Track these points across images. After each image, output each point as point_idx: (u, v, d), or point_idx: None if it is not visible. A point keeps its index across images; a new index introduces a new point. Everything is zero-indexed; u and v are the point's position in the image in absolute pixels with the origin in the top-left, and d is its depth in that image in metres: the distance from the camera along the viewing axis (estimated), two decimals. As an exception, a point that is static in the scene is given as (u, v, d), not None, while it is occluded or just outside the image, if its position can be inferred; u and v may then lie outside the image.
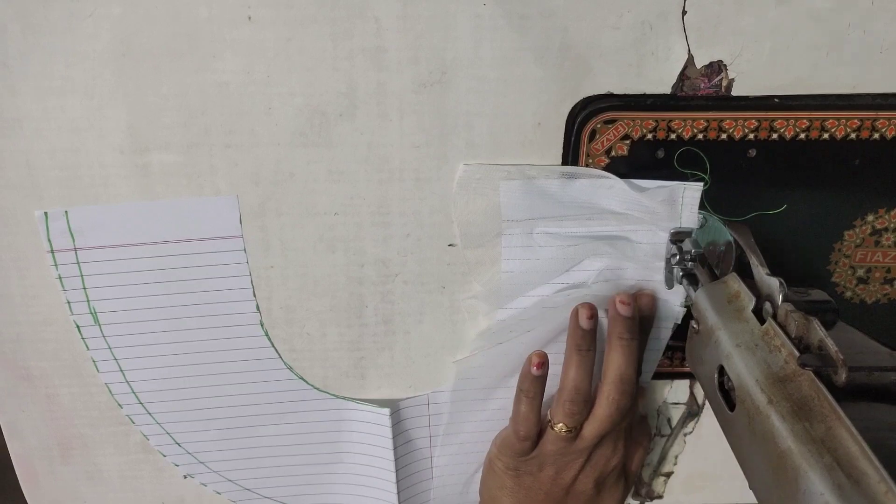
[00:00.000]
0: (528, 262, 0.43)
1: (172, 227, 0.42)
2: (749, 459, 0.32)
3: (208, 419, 0.48)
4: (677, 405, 0.51)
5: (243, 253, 0.43)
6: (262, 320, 0.45)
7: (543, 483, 0.44)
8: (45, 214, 0.42)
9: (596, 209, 0.42)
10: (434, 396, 0.48)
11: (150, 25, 0.38)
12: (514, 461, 0.45)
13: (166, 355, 0.46)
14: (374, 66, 0.40)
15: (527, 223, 0.43)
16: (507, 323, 0.44)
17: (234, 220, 0.43)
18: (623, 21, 0.39)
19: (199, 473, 0.50)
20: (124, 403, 0.47)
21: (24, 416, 0.48)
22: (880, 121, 0.41)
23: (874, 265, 0.45)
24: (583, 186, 0.42)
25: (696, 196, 0.41)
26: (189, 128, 0.41)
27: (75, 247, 0.42)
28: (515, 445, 0.44)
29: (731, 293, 0.36)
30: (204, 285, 0.44)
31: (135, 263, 0.43)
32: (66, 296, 0.44)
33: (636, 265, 0.43)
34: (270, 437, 0.48)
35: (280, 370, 0.46)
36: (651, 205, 0.41)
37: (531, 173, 0.41)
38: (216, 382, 0.46)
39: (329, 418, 0.48)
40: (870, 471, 0.24)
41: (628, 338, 0.41)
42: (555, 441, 0.43)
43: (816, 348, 0.30)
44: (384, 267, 0.45)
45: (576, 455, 0.43)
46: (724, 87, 0.40)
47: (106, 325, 0.45)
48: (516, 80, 0.40)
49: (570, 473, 0.44)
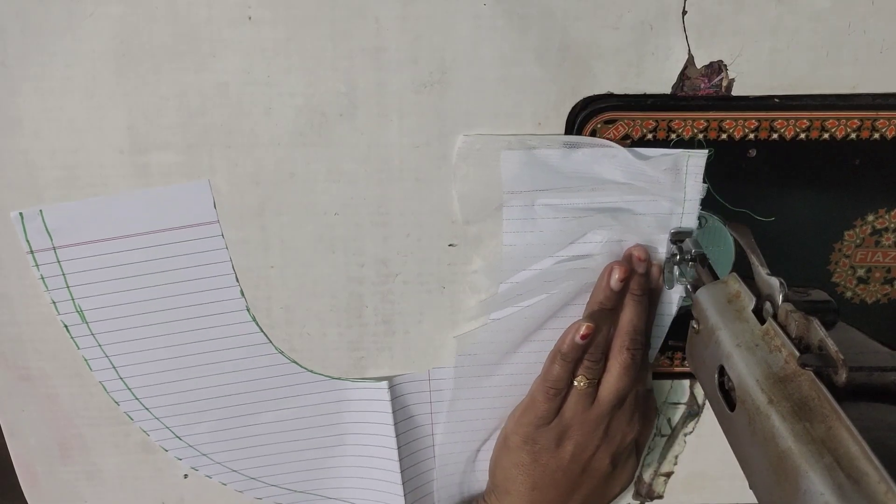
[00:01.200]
0: (529, 234, 0.43)
1: (148, 218, 0.42)
2: (749, 459, 0.32)
3: (206, 410, 0.47)
4: (677, 405, 0.51)
5: (221, 238, 0.43)
6: (248, 305, 0.45)
7: (562, 460, 0.44)
8: (20, 215, 0.42)
9: (598, 179, 0.42)
10: (435, 373, 0.47)
11: (150, 25, 0.38)
12: (534, 431, 0.44)
13: (157, 348, 0.45)
14: (373, 66, 0.40)
15: (528, 195, 0.42)
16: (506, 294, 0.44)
17: (209, 206, 0.42)
18: (623, 21, 0.39)
19: (202, 466, 0.49)
20: (120, 401, 0.47)
21: (24, 416, 0.48)
22: (880, 121, 0.41)
23: (874, 265, 0.45)
24: (585, 156, 0.41)
25: (701, 164, 0.41)
26: (189, 128, 0.41)
27: (54, 245, 0.42)
28: (540, 408, 0.43)
29: (731, 293, 0.36)
30: (186, 274, 0.44)
31: (115, 258, 0.43)
32: (50, 296, 0.43)
33: (640, 237, 0.43)
34: (270, 424, 0.48)
35: (272, 355, 0.46)
36: (655, 174, 0.41)
37: (532, 143, 0.41)
38: (210, 372, 0.46)
39: (327, 400, 0.48)
40: (870, 471, 0.24)
41: (639, 293, 0.42)
42: (575, 403, 0.43)
43: (816, 348, 0.30)
44: (384, 267, 0.45)
45: (594, 425, 0.43)
46: (724, 87, 0.40)
47: (93, 322, 0.44)
48: (516, 80, 0.40)
49: (589, 450, 0.44)
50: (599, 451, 0.44)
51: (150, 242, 0.43)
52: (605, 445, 0.44)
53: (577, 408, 0.43)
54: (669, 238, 0.43)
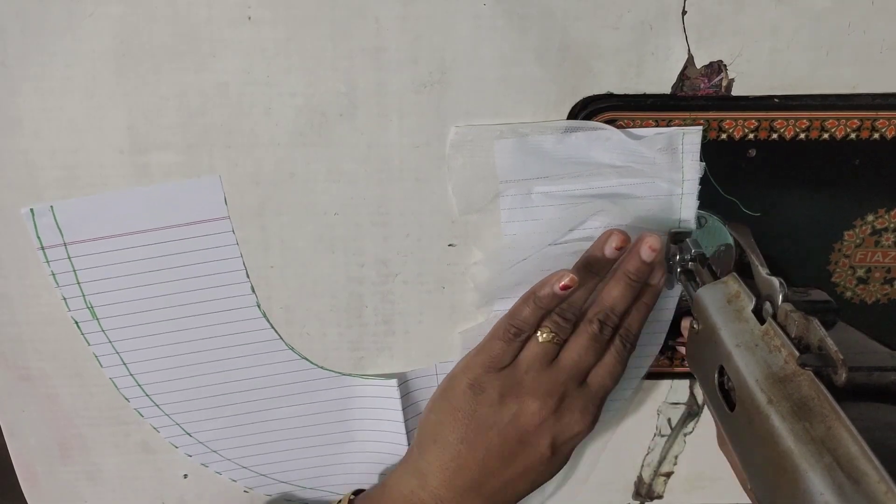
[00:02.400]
0: (528, 223, 0.43)
1: (159, 214, 0.42)
2: (749, 460, 0.32)
3: (216, 406, 0.47)
4: (677, 405, 0.51)
5: (232, 234, 0.43)
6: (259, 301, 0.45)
7: (501, 418, 0.40)
8: (31, 211, 0.41)
9: (594, 164, 0.41)
10: (442, 367, 0.47)
11: (150, 25, 0.38)
12: (483, 375, 0.40)
13: (168, 345, 0.45)
14: (373, 66, 0.40)
15: (524, 183, 0.42)
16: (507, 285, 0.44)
17: (220, 202, 0.42)
18: (623, 21, 0.39)
19: (212, 462, 0.49)
20: (131, 397, 0.47)
21: (24, 416, 0.48)
22: (880, 121, 0.41)
23: (874, 265, 0.45)
24: (579, 140, 0.41)
25: (697, 141, 0.40)
26: (189, 128, 0.41)
27: (65, 241, 0.42)
28: (496, 348, 0.40)
29: (731, 293, 0.36)
30: (197, 270, 0.44)
31: (126, 254, 0.43)
32: (61, 292, 0.44)
33: (640, 221, 0.42)
34: (280, 421, 0.48)
35: (283, 351, 0.46)
36: (650, 154, 0.41)
37: (524, 130, 0.41)
38: (221, 368, 0.46)
39: (337, 396, 0.48)
40: (870, 471, 0.24)
41: (635, 279, 0.40)
42: (533, 354, 0.40)
43: (816, 348, 0.30)
44: (384, 267, 0.45)
45: (546, 390, 0.40)
46: (724, 87, 0.40)
47: (104, 318, 0.44)
48: (516, 80, 0.40)
49: (533, 419, 0.40)
50: (543, 426, 0.40)
51: (160, 238, 0.43)
52: (551, 422, 0.40)
53: (534, 361, 0.40)
54: (669, 238, 0.43)
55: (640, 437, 0.52)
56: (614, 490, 0.54)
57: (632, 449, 0.52)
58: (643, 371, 0.48)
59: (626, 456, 0.52)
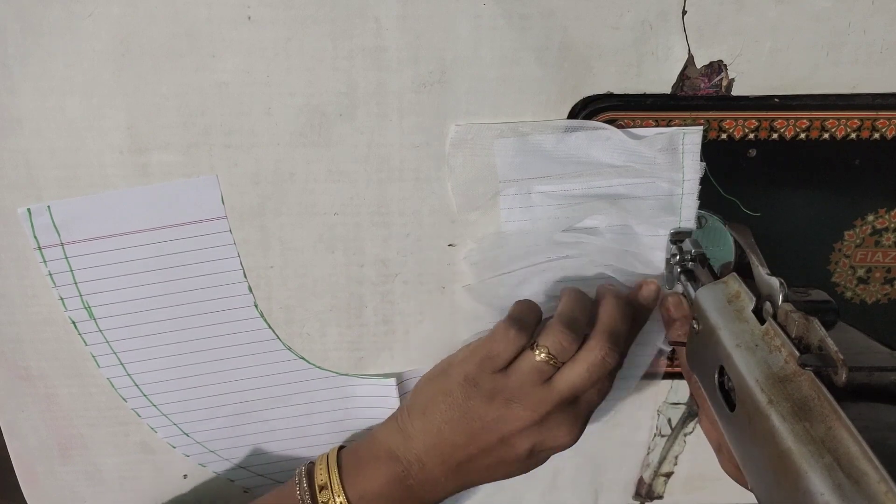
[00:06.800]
0: (528, 223, 0.43)
1: (156, 214, 0.42)
2: (749, 460, 0.32)
3: (214, 406, 0.47)
4: (677, 405, 0.51)
5: (229, 234, 0.43)
6: (257, 301, 0.45)
7: (486, 415, 0.40)
8: (27, 211, 0.41)
9: (594, 164, 0.41)
10: None
11: (149, 25, 0.38)
12: (478, 372, 0.40)
13: (166, 345, 0.45)
14: (373, 65, 0.40)
15: (524, 182, 0.42)
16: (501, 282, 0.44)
17: (217, 201, 0.42)
18: (623, 21, 0.39)
19: (210, 463, 0.49)
20: (128, 397, 0.47)
21: (24, 416, 0.48)
22: (880, 121, 0.41)
23: (874, 265, 0.45)
24: (579, 140, 0.41)
25: (697, 141, 0.40)
26: (189, 128, 0.41)
27: (61, 241, 0.42)
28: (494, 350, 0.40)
29: (732, 293, 0.36)
30: (194, 270, 0.43)
31: (123, 254, 0.43)
32: (58, 292, 0.43)
33: (640, 222, 0.42)
34: (278, 421, 0.48)
35: (280, 351, 0.46)
36: (650, 154, 0.41)
37: (524, 130, 0.41)
38: (218, 368, 0.46)
39: (335, 396, 0.48)
40: (870, 471, 0.24)
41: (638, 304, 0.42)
42: (528, 372, 0.39)
43: (816, 348, 0.30)
44: (384, 267, 0.45)
45: (533, 408, 0.40)
46: (724, 86, 0.40)
47: (101, 318, 0.44)
48: (516, 80, 0.40)
49: (517, 423, 0.40)
50: (527, 432, 0.40)
51: (158, 238, 0.42)
52: (535, 431, 0.40)
53: (528, 376, 0.39)
54: (669, 238, 0.43)
55: (639, 437, 0.52)
56: (614, 490, 0.54)
57: (632, 449, 0.52)
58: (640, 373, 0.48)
59: (626, 456, 0.52)
